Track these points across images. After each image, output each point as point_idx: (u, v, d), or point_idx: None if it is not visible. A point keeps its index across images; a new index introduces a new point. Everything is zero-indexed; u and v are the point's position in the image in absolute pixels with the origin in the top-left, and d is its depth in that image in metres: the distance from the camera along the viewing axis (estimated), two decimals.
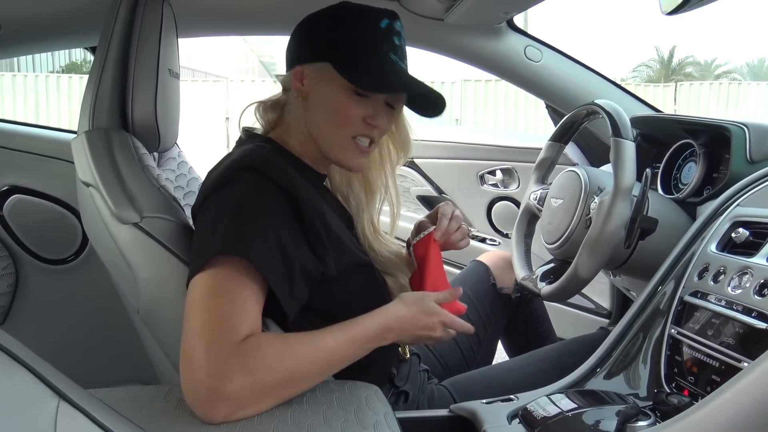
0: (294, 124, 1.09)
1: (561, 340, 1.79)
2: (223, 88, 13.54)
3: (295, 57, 1.07)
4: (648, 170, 1.25)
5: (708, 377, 0.95)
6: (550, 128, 1.62)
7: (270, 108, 1.11)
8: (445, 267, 1.23)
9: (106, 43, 1.13)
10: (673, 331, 1.05)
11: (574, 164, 1.96)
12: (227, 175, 0.97)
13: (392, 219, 1.25)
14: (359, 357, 0.96)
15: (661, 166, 1.51)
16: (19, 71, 14.01)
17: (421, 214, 2.39)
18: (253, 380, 0.82)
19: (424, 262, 1.16)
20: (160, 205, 1.04)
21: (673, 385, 1.00)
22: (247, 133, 1.11)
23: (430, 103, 1.08)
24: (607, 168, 1.65)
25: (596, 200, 1.27)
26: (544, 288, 1.34)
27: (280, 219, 0.94)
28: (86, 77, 1.19)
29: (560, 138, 1.50)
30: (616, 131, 1.23)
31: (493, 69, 1.68)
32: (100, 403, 0.64)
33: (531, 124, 13.08)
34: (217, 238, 0.89)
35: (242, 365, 0.81)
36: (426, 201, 2.37)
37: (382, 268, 1.18)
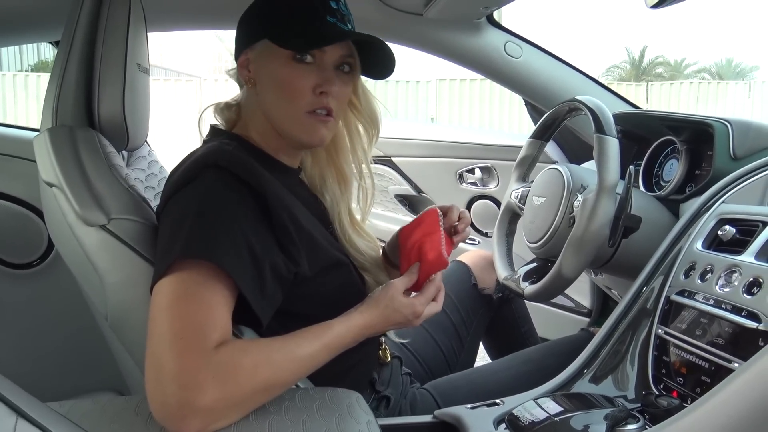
0: (251, 115, 1.05)
1: (544, 340, 1.78)
2: (196, 87, 13.38)
3: (239, 46, 1.04)
4: (632, 167, 1.23)
5: (697, 378, 0.93)
6: (527, 127, 1.59)
7: (226, 107, 1.07)
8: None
9: (70, 35, 1.07)
10: (660, 331, 1.03)
11: (553, 162, 1.96)
12: (190, 174, 0.92)
13: (364, 205, 1.20)
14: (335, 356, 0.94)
15: (643, 163, 1.50)
16: None
17: (399, 213, 2.36)
18: (227, 391, 0.77)
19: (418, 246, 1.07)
20: (128, 205, 0.99)
21: (662, 386, 0.98)
22: (213, 131, 1.06)
23: (380, 61, 1.04)
24: (590, 165, 1.64)
25: (579, 198, 1.25)
26: (527, 288, 1.31)
27: (247, 218, 0.89)
28: None
29: (541, 135, 1.47)
30: (600, 128, 1.21)
31: (472, 65, 1.65)
32: (63, 419, 0.59)
33: (506, 123, 13.16)
34: (181, 241, 0.84)
35: (215, 376, 0.77)
36: (405, 200, 2.34)
37: (361, 266, 1.14)
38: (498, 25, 1.64)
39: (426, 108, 13.59)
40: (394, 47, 1.05)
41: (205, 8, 1.39)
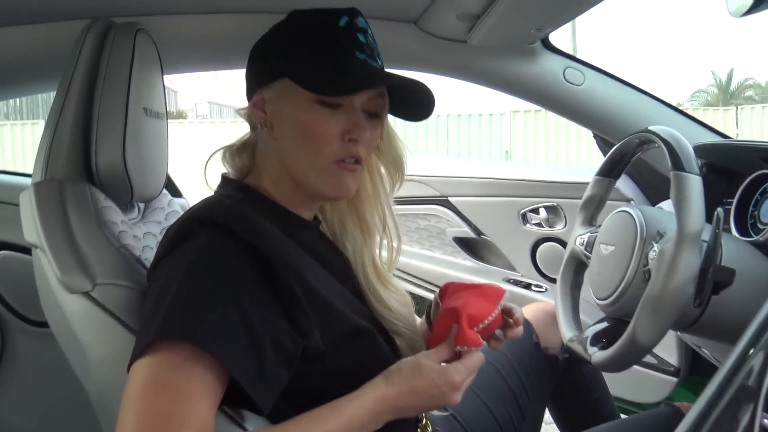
0: (265, 161, 0.91)
1: (620, 407, 1.54)
2: None
3: (252, 84, 0.91)
4: (720, 209, 1.01)
5: None
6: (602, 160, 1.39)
7: (238, 151, 0.94)
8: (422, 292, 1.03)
9: (67, 79, 0.98)
10: (766, 421, 0.81)
11: (628, 200, 1.73)
12: (181, 233, 0.80)
13: (390, 255, 1.04)
14: None
15: (734, 202, 1.26)
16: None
17: (458, 257, 2.18)
18: None
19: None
20: (117, 269, 0.87)
21: None
22: (224, 180, 0.94)
23: (416, 102, 0.90)
24: (668, 205, 1.41)
25: (656, 248, 1.04)
26: (596, 354, 1.10)
27: (245, 284, 0.76)
28: None
29: (609, 172, 1.27)
30: (677, 163, 1.01)
31: (527, 95, 1.47)
32: None
33: (584, 156, 12.68)
34: (160, 316, 0.71)
35: None
36: (463, 243, 2.16)
37: (391, 327, 0.98)
38: (555, 50, 1.45)
39: (501, 142, 13.32)
40: (437, 79, 0.90)
41: (225, 47, 1.30)
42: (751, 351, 0.90)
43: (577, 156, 12.82)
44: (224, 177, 0.95)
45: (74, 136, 0.97)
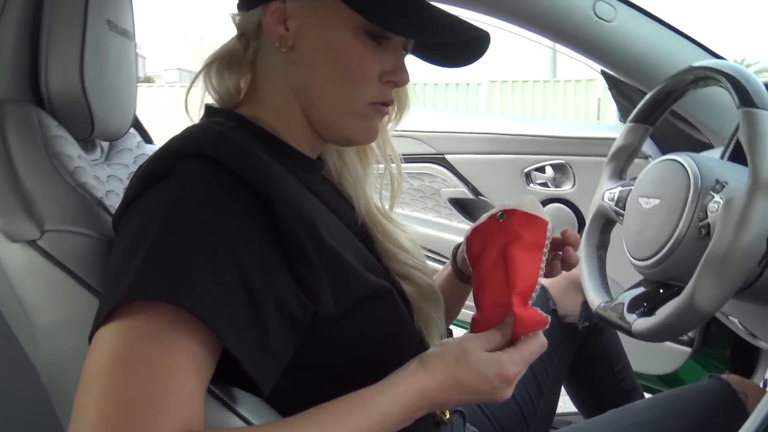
0: (270, 88, 0.74)
1: (641, 383, 1.42)
2: None
3: None
4: None
5: None
6: None
7: (228, 68, 0.74)
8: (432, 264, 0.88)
9: None
10: None
11: (646, 157, 1.59)
12: (159, 168, 0.63)
13: (393, 194, 0.89)
14: None
15: None
16: None
17: (454, 220, 2.02)
18: None
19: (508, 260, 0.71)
20: (72, 212, 0.69)
21: None
22: (208, 111, 0.75)
23: (468, 45, 0.75)
24: (713, 153, 1.27)
25: (718, 199, 0.89)
26: (637, 323, 0.95)
27: (243, 232, 0.59)
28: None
29: (646, 118, 1.12)
30: (746, 99, 0.86)
31: (551, 32, 1.29)
32: None
33: None
34: (133, 271, 0.55)
35: None
36: (459, 204, 2.00)
37: (402, 270, 0.81)
38: None
39: (478, 113, 13.17)
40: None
41: None
42: None
43: None
44: (209, 106, 0.76)
45: (18, 47, 0.77)
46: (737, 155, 1.16)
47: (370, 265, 0.75)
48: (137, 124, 1.16)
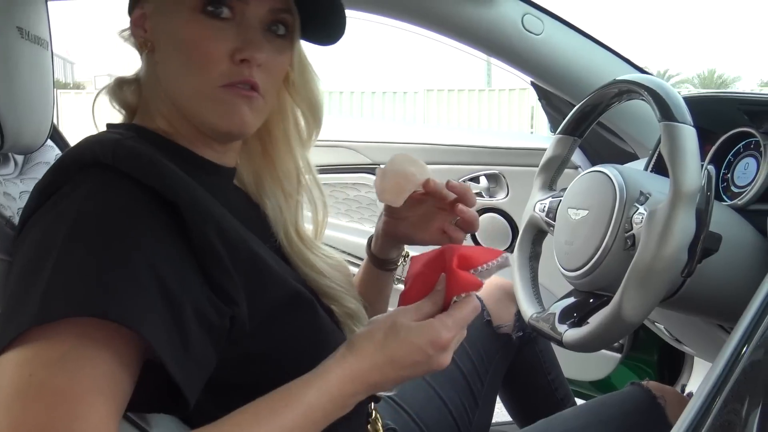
0: (153, 96, 0.72)
1: (573, 389, 1.44)
2: None
3: None
4: (710, 167, 0.90)
5: None
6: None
7: (120, 85, 0.74)
8: (351, 268, 0.87)
9: None
10: None
11: (576, 167, 1.63)
12: (57, 181, 0.60)
13: (315, 223, 0.86)
14: None
15: (706, 162, 1.16)
16: None
17: None
18: None
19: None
20: None
21: None
22: (109, 125, 0.73)
23: (325, 21, 0.73)
24: (638, 164, 1.31)
25: (642, 210, 0.91)
26: (568, 333, 0.97)
27: (152, 237, 0.57)
28: None
29: (574, 130, 1.14)
30: (667, 113, 0.88)
31: (480, 44, 1.31)
32: None
33: None
34: (37, 293, 0.51)
35: None
36: None
37: (322, 291, 0.79)
38: None
39: (414, 121, 13.28)
40: (351, 53, 0.73)
41: None
42: (745, 348, 0.79)
43: None
44: (108, 124, 0.73)
45: None
46: (660, 166, 1.20)
47: (287, 271, 0.73)
48: (57, 135, 1.10)
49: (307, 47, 0.79)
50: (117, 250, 0.55)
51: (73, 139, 0.85)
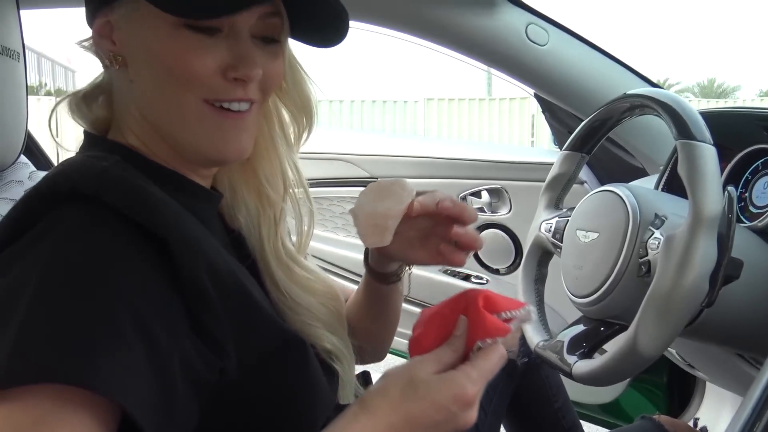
0: (124, 113, 0.64)
1: (580, 412, 1.38)
2: None
3: (94, 5, 0.63)
4: (731, 188, 0.84)
5: None
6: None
7: (86, 99, 0.66)
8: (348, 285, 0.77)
9: None
10: None
11: (582, 182, 1.57)
12: (30, 214, 0.54)
13: (299, 238, 0.78)
14: None
15: (722, 180, 1.10)
16: None
17: None
18: None
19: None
20: None
21: None
22: (89, 138, 0.66)
23: (323, 21, 0.65)
24: (644, 184, 1.25)
25: (657, 235, 0.85)
26: (578, 365, 0.90)
27: (141, 284, 0.52)
28: None
29: (582, 146, 1.08)
30: (685, 131, 0.82)
31: (483, 55, 1.25)
32: None
33: None
34: (7, 347, 0.46)
35: None
36: None
37: (296, 327, 0.71)
38: (519, 3, 1.24)
39: (414, 130, 13.25)
40: (351, 61, 0.66)
41: None
42: None
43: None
44: (88, 134, 0.66)
45: None
46: (672, 184, 1.14)
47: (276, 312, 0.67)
48: (35, 149, 1.05)
49: (306, 55, 0.73)
50: (99, 303, 0.49)
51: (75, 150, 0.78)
